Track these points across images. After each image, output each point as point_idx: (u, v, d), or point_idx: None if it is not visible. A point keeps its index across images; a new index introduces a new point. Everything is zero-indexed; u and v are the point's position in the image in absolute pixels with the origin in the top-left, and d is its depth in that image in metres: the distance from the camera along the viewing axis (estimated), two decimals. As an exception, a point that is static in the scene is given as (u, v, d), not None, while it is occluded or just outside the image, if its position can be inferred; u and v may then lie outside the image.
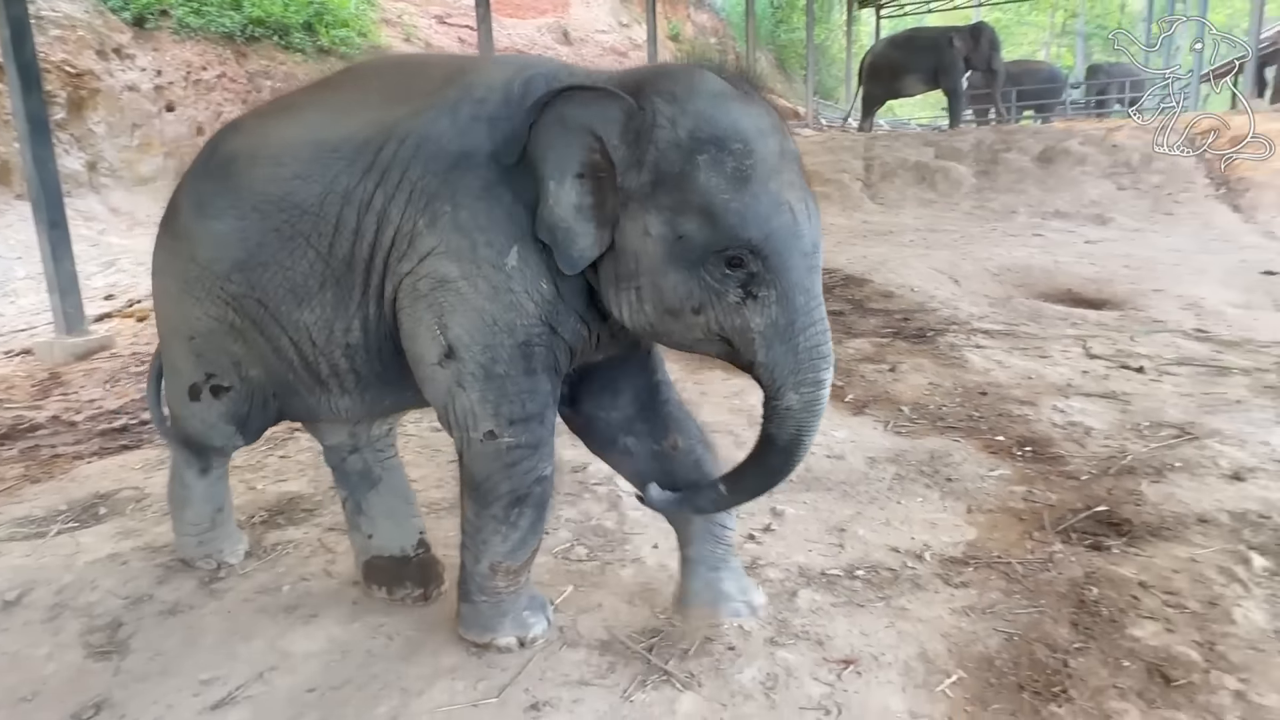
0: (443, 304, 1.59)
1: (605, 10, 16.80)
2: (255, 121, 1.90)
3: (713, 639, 1.90)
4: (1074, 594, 2.02)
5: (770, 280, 1.47)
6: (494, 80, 1.63)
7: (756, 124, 1.49)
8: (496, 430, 1.64)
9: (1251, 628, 1.85)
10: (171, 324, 1.99)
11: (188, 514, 2.22)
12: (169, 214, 1.95)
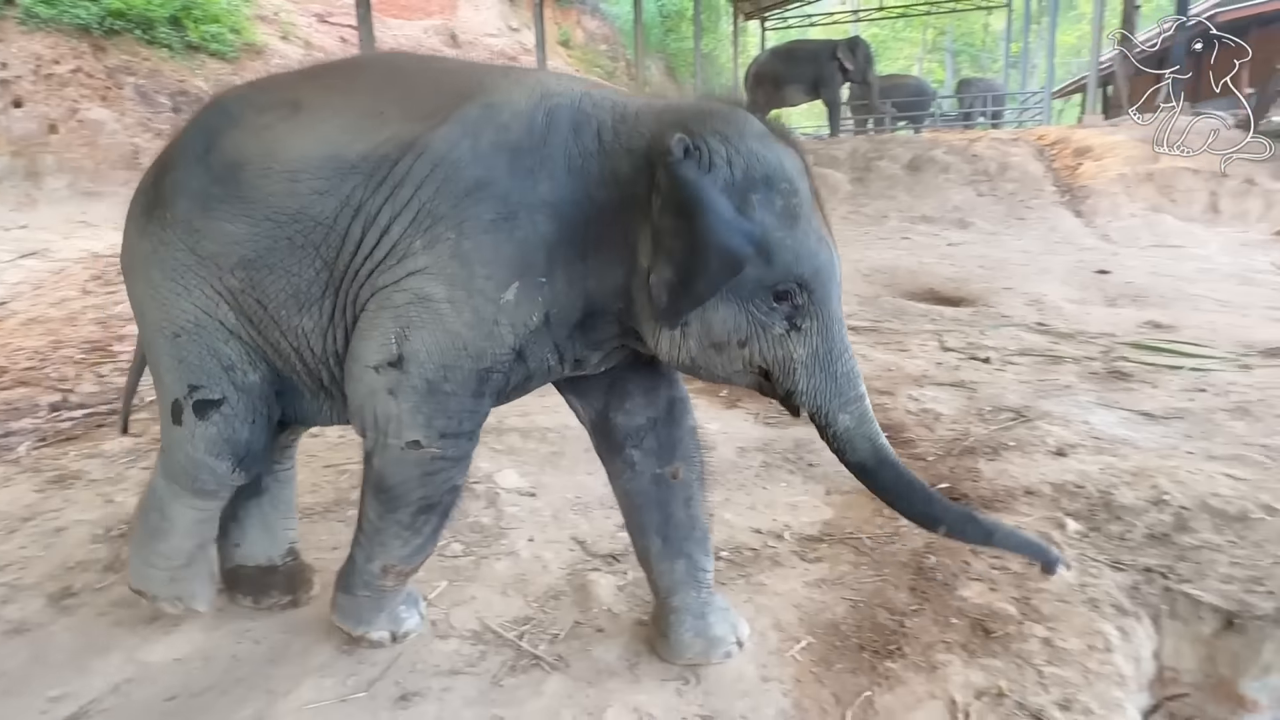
0: (413, 319, 1.55)
1: (494, 14, 16.67)
2: (257, 119, 1.70)
3: (583, 623, 1.98)
4: (914, 562, 2.21)
5: (813, 312, 1.53)
6: (518, 105, 1.58)
7: (795, 164, 1.55)
8: (424, 441, 1.61)
9: (1061, 583, 2.07)
10: (154, 323, 1.76)
11: (161, 546, 1.93)
12: (151, 202, 1.75)
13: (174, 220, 1.70)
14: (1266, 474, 2.63)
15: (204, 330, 1.72)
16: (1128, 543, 2.30)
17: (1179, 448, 2.90)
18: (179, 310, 1.72)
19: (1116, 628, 1.94)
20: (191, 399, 1.74)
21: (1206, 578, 2.11)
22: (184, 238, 1.69)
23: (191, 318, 1.71)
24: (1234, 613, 1.98)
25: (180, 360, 1.74)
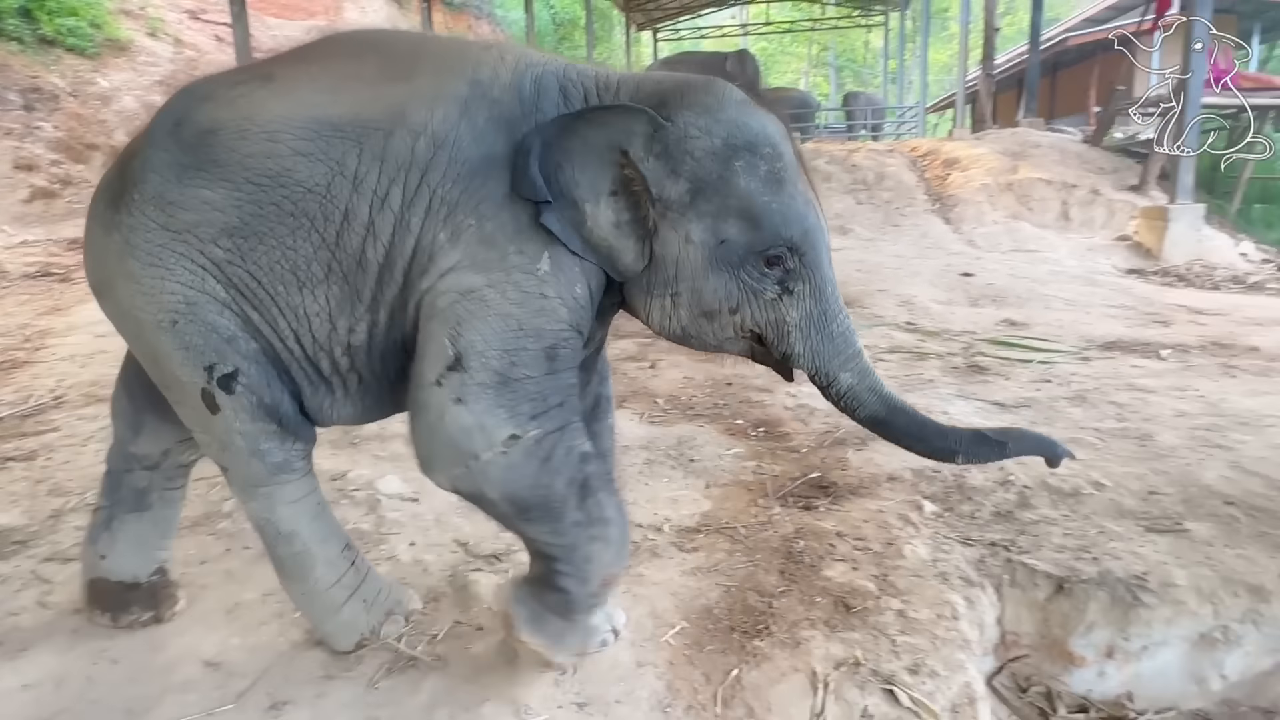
0: (460, 314, 1.48)
1: (381, 16, 16.31)
2: (229, 92, 1.62)
3: (463, 622, 1.99)
4: (785, 547, 2.32)
5: (805, 275, 1.54)
6: (503, 78, 1.56)
7: (777, 129, 1.56)
8: (519, 430, 1.49)
9: (916, 560, 2.24)
10: (149, 323, 1.60)
11: (319, 572, 1.74)
12: (116, 192, 1.62)
13: (143, 200, 1.58)
14: (1098, 454, 2.91)
15: (197, 307, 1.59)
16: (976, 521, 2.49)
17: (1025, 433, 3.15)
18: (168, 295, 1.58)
19: (963, 598, 2.11)
20: (214, 378, 1.61)
21: (1042, 548, 2.32)
22: (156, 215, 1.57)
23: (182, 298, 1.58)
24: (1064, 578, 2.19)
25: (187, 347, 1.60)
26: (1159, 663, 2.15)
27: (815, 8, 25.73)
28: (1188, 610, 2.13)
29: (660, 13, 23.48)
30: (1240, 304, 5.80)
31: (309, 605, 1.81)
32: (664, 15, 23.87)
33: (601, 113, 1.52)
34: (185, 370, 1.61)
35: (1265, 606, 2.11)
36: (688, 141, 1.49)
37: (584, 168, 1.50)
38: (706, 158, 1.49)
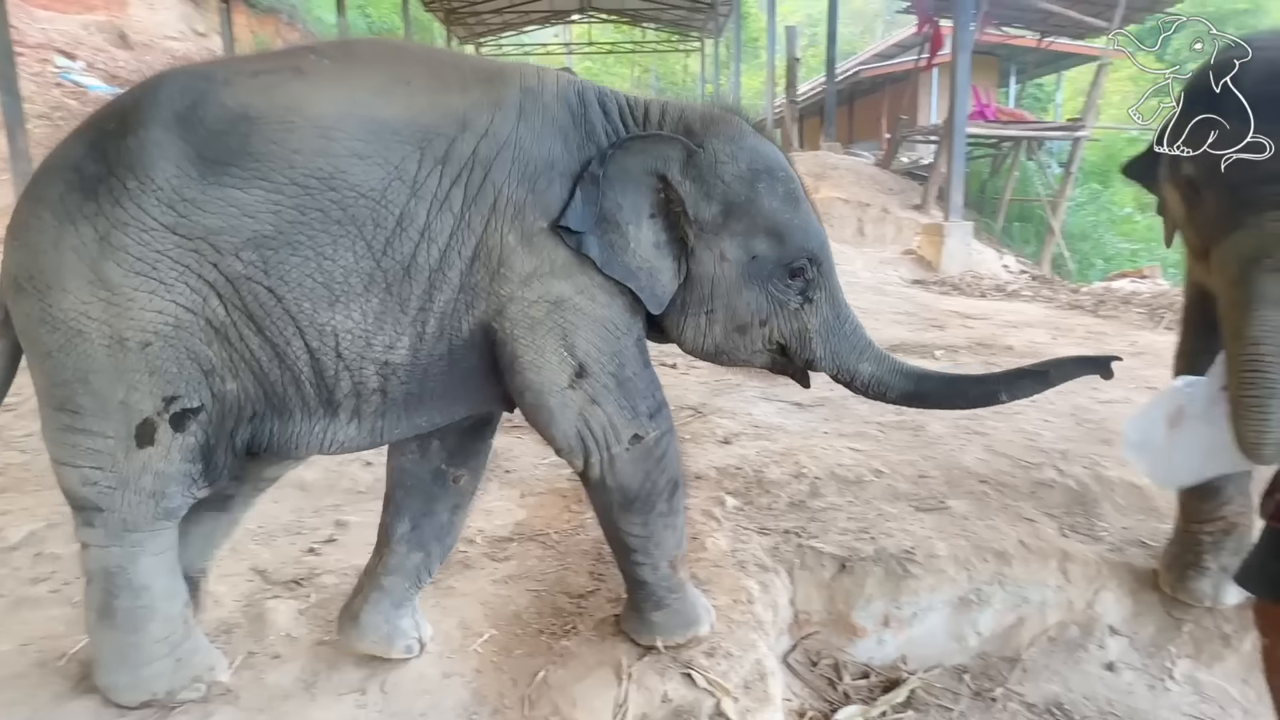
0: (564, 325, 1.54)
1: (174, 14, 15.08)
2: (253, 81, 1.46)
3: (257, 652, 1.90)
4: (595, 549, 2.39)
5: (822, 283, 1.69)
6: (552, 89, 1.60)
7: (782, 155, 1.71)
8: (642, 431, 1.64)
9: (717, 551, 2.38)
10: (103, 337, 1.40)
11: (153, 627, 1.60)
12: (93, 176, 1.38)
13: (145, 192, 1.37)
14: (878, 445, 3.22)
15: (183, 332, 1.43)
16: (773, 511, 2.68)
17: (818, 429, 3.43)
18: (153, 312, 1.40)
19: (758, 583, 2.26)
20: (169, 411, 1.46)
21: (829, 532, 2.54)
22: (163, 214, 1.38)
23: (170, 319, 1.41)
24: (846, 558, 2.41)
25: (154, 371, 1.43)
26: (927, 626, 2.41)
27: (636, 31, 26.56)
28: (948, 578, 2.41)
29: (483, 28, 23.35)
30: (1001, 309, 6.60)
31: (119, 656, 1.63)
32: (487, 30, 23.75)
33: (641, 141, 1.60)
34: (134, 395, 1.44)
35: (1009, 569, 2.43)
36: (718, 166, 1.61)
37: (625, 193, 1.57)
38: (735, 181, 1.62)
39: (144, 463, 1.49)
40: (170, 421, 1.47)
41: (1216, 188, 1.71)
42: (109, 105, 1.53)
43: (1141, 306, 6.41)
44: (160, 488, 1.52)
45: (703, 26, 23.60)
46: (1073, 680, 2.29)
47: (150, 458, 1.49)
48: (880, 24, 33.56)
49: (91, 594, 1.60)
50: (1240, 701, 2.17)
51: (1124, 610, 2.40)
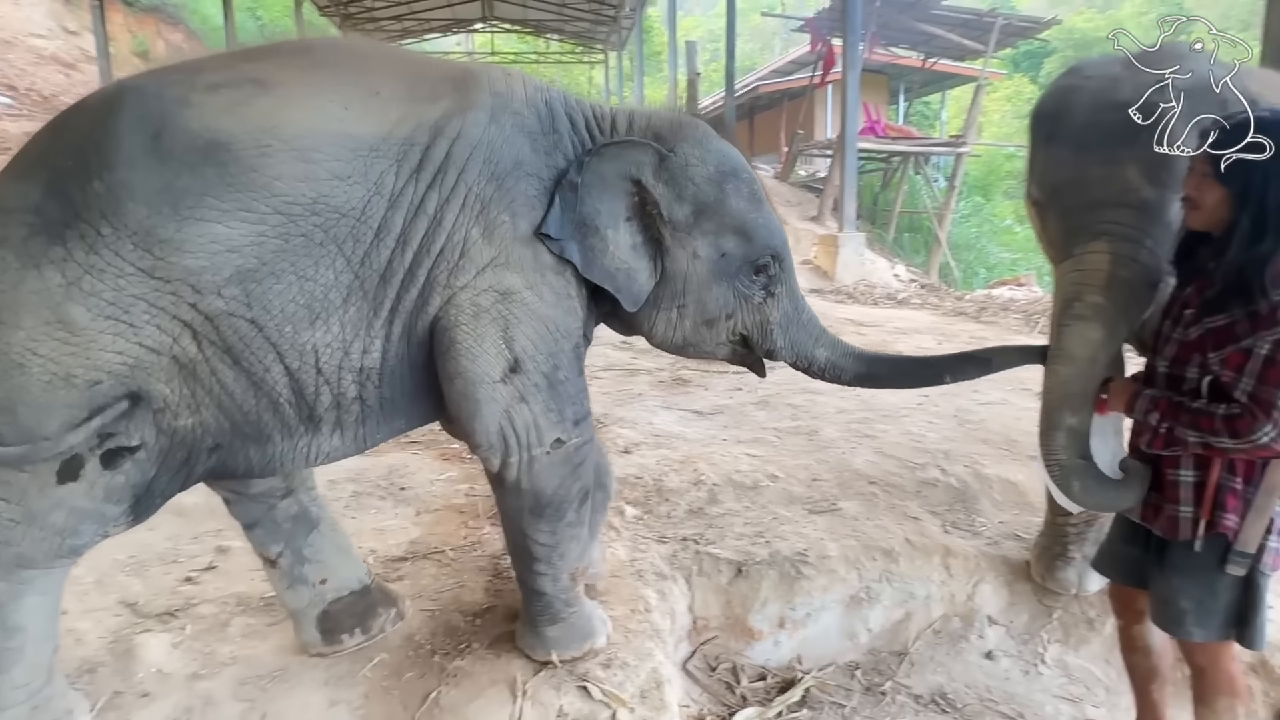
0: (508, 316, 1.55)
1: (42, 11, 14.09)
2: (215, 97, 1.38)
3: (124, 691, 1.78)
4: (492, 565, 2.35)
5: (782, 278, 1.80)
6: (519, 94, 1.63)
7: (743, 157, 1.79)
8: (564, 436, 1.66)
9: (615, 561, 2.38)
10: (44, 373, 1.32)
11: (16, 674, 1.48)
12: (57, 221, 1.31)
13: (119, 236, 1.32)
14: (774, 450, 3.29)
15: (142, 371, 1.38)
16: (672, 519, 2.71)
17: (717, 436, 3.49)
18: (113, 353, 1.35)
19: (656, 591, 2.28)
20: (101, 449, 1.39)
21: (726, 538, 2.58)
22: (139, 259, 1.33)
23: (131, 359, 1.36)
24: (742, 562, 2.45)
25: (94, 409, 1.36)
26: (820, 625, 2.48)
27: (540, 41, 26.50)
28: (839, 578, 2.49)
29: (382, 34, 22.79)
30: (892, 316, 6.89)
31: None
32: (386, 37, 23.20)
33: (616, 148, 1.65)
34: (61, 430, 1.35)
35: (895, 566, 2.53)
36: (689, 169, 1.69)
37: (603, 198, 1.64)
38: (705, 183, 1.70)
39: (60, 498, 1.41)
40: (101, 459, 1.41)
41: (1055, 212, 1.84)
42: (57, 136, 1.43)
43: (1019, 312, 6.81)
44: (72, 524, 1.43)
45: (606, 39, 23.77)
46: (955, 670, 2.39)
47: (69, 493, 1.41)
48: (778, 41, 34.63)
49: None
50: (1103, 681, 2.32)
51: (1001, 601, 2.53)
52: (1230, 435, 1.47)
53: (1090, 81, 1.79)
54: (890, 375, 1.99)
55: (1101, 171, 1.70)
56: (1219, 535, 1.56)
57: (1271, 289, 1.43)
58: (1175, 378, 1.61)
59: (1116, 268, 1.67)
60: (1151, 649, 1.87)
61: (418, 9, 20.63)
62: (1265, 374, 1.43)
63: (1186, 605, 1.62)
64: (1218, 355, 1.50)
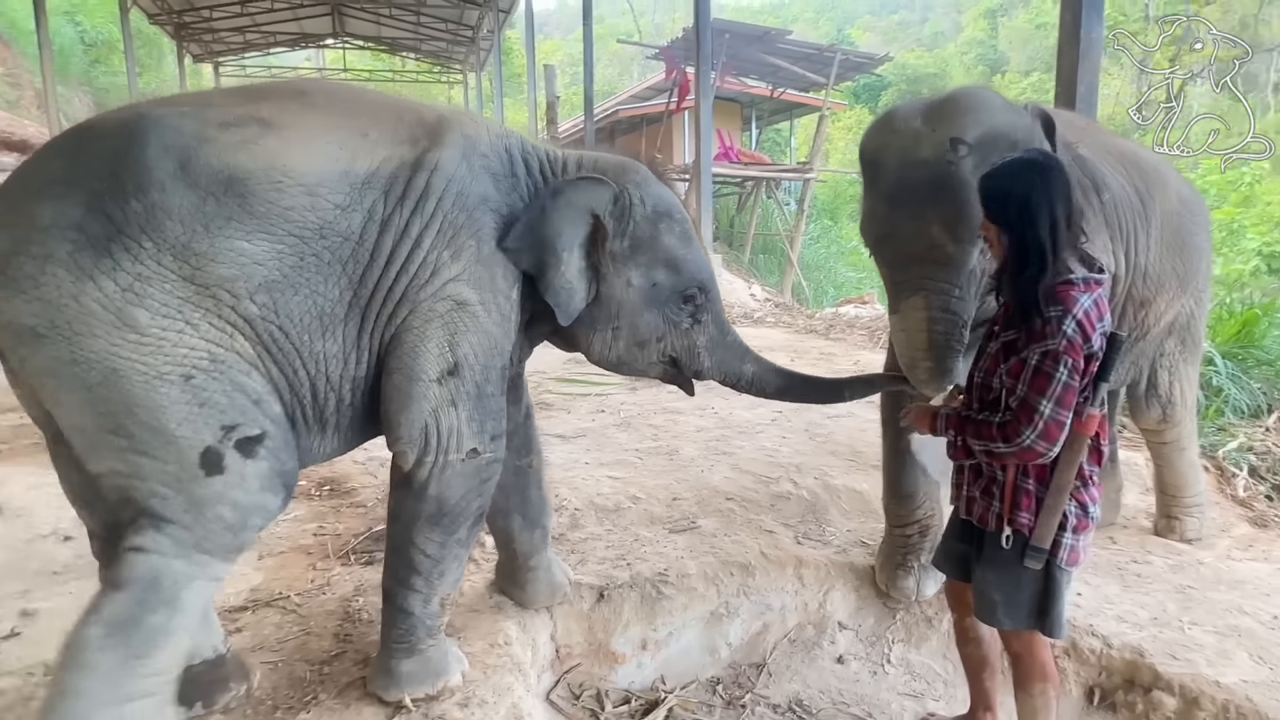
0: (457, 323, 1.71)
1: None
2: (228, 135, 1.57)
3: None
4: (343, 608, 2.24)
5: (708, 307, 2.00)
6: (485, 139, 1.84)
7: (678, 200, 2.02)
8: (480, 447, 1.77)
9: (474, 595, 2.33)
10: (141, 373, 1.48)
11: (160, 658, 1.54)
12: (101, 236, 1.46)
13: (161, 250, 1.50)
14: (636, 471, 3.33)
15: (223, 365, 1.55)
16: (533, 547, 2.67)
17: (579, 460, 3.49)
18: (186, 349, 1.52)
19: (517, 623, 2.24)
20: (231, 439, 1.55)
21: (588, 563, 2.58)
22: (179, 268, 1.51)
23: (205, 353, 1.53)
24: (604, 587, 2.45)
25: (203, 403, 1.53)
26: (682, 644, 2.52)
27: (396, 60, 25.86)
28: (699, 595, 2.53)
29: (221, 46, 21.55)
30: (749, 334, 7.10)
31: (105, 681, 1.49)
32: (226, 50, 21.95)
33: (585, 183, 1.86)
34: (188, 426, 1.52)
35: (752, 580, 2.61)
36: (631, 208, 1.90)
37: (565, 224, 1.82)
38: (643, 220, 1.91)
39: (219, 491, 1.55)
40: (237, 448, 1.56)
41: (878, 261, 2.06)
42: (77, 159, 1.54)
43: (864, 329, 7.25)
44: (241, 520, 1.59)
45: (464, 60, 23.52)
46: (810, 677, 2.49)
47: (226, 486, 1.56)
48: (637, 67, 35.45)
49: (114, 602, 1.51)
50: (942, 675, 2.48)
51: (850, 606, 2.66)
52: (1003, 440, 1.63)
53: (897, 137, 1.99)
54: (803, 390, 2.17)
55: (911, 227, 1.92)
56: (1019, 531, 1.72)
57: (1046, 306, 1.60)
58: (985, 386, 1.77)
59: (933, 325, 1.93)
60: (981, 639, 2.02)
61: (262, 22, 19.61)
62: (1034, 382, 1.60)
63: (997, 597, 1.77)
64: (1006, 366, 1.67)
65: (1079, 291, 1.61)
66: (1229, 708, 2.06)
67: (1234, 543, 3.06)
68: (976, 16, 43.43)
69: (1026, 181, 1.63)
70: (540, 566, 2.31)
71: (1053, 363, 1.58)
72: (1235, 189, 14.90)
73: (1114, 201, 2.35)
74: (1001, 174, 1.67)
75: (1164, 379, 2.84)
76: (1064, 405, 1.59)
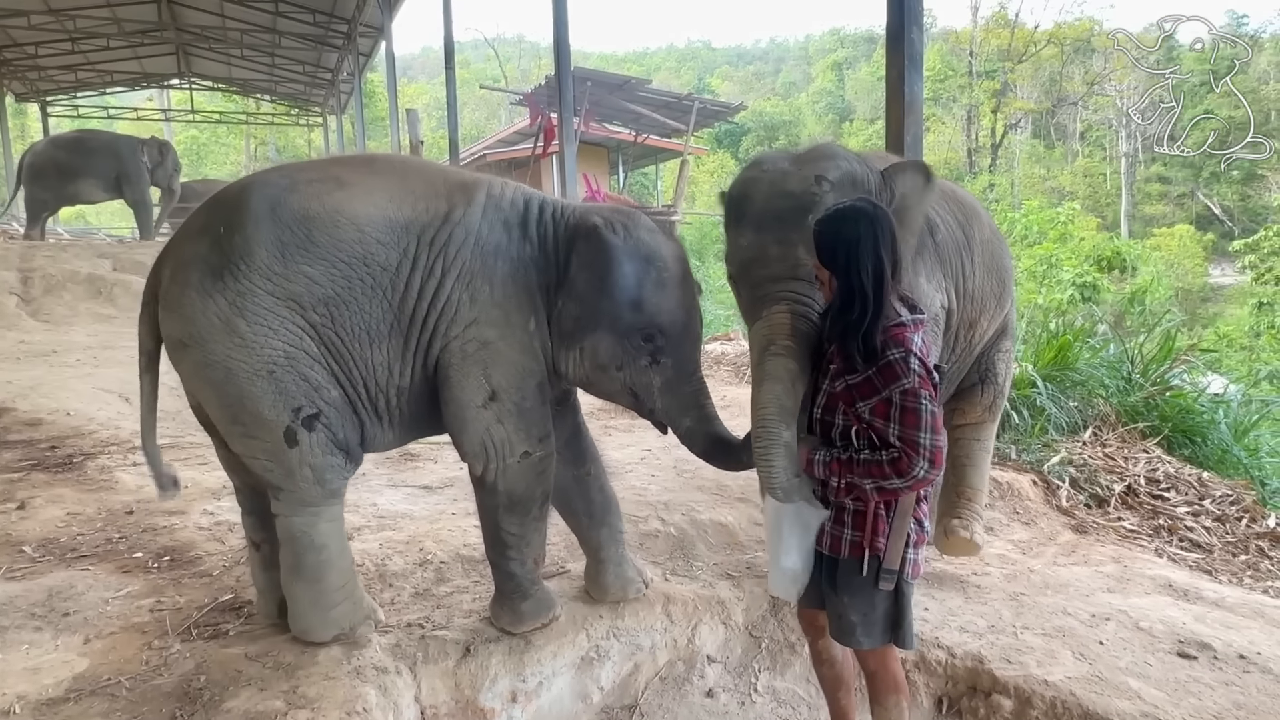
0: (486, 360, 2.11)
1: None
2: (310, 189, 2.08)
3: None
4: (180, 689, 2.08)
5: (669, 351, 2.18)
6: (507, 196, 2.24)
7: (671, 252, 2.24)
8: (531, 449, 2.19)
9: (329, 662, 2.21)
10: (247, 371, 2.01)
11: (332, 577, 2.23)
12: (217, 265, 2.00)
13: (252, 270, 1.99)
14: (504, 519, 3.28)
15: (295, 361, 2.04)
16: (396, 606, 2.58)
17: (446, 511, 3.41)
18: (272, 349, 2.01)
19: (376, 688, 2.14)
20: (300, 417, 2.06)
21: (454, 618, 2.51)
22: (265, 284, 2.00)
23: (283, 353, 2.02)
24: (469, 642, 2.39)
25: (281, 391, 2.04)
26: (554, 693, 2.48)
27: (250, 102, 24.84)
28: (569, 641, 2.51)
29: (50, 84, 19.99)
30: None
31: (310, 601, 2.22)
32: (56, 88, 20.38)
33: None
34: (274, 410, 2.03)
35: (621, 621, 2.62)
36: None
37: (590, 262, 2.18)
38: None
39: (299, 458, 2.09)
40: (303, 424, 2.08)
41: (744, 284, 2.16)
42: (212, 211, 2.13)
43: (730, 365, 7.48)
44: (319, 475, 2.13)
45: (324, 102, 22.91)
46: (681, 714, 2.51)
47: (302, 455, 2.09)
48: (504, 111, 35.64)
49: (285, 554, 2.22)
50: (805, 698, 2.56)
51: (718, 639, 2.71)
52: (897, 475, 1.73)
53: (766, 174, 2.16)
54: (722, 459, 2.26)
55: (778, 250, 2.07)
56: (875, 556, 1.82)
57: (886, 350, 1.73)
58: (826, 423, 1.87)
59: (796, 321, 2.01)
60: (835, 660, 2.11)
61: (96, 60, 18.39)
62: (904, 419, 1.72)
63: (855, 619, 1.86)
64: (866, 405, 1.77)
65: (910, 332, 1.75)
66: (1056, 704, 2.24)
67: (1059, 549, 3.35)
68: (825, 69, 46.60)
69: (854, 228, 1.76)
70: (610, 560, 2.60)
71: (914, 398, 1.70)
72: (1053, 226, 16.56)
73: (945, 241, 2.58)
74: (832, 220, 1.80)
75: (999, 365, 3.06)
76: (937, 431, 1.71)
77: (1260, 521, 3.85)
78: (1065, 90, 31.90)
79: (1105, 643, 2.51)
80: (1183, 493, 4.06)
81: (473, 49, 53.63)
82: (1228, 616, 2.69)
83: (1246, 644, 2.48)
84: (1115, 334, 6.07)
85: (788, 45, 63.01)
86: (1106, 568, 3.16)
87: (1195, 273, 24.67)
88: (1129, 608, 2.74)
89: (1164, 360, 5.17)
